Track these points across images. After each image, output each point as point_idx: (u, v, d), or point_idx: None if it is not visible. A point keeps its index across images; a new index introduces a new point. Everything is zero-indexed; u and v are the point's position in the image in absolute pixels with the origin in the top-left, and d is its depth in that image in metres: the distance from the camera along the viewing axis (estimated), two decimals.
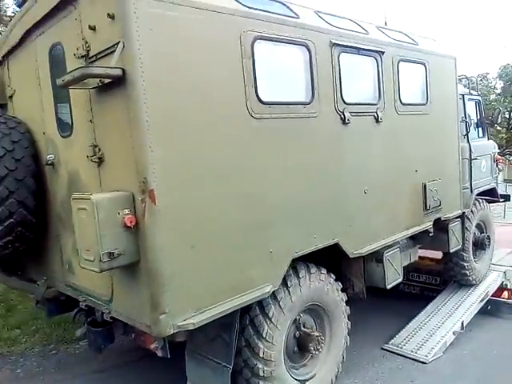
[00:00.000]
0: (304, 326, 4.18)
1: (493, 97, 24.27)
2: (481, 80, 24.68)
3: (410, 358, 5.37)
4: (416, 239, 6.04)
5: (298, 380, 4.10)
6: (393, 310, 6.76)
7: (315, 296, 4.21)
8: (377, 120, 4.62)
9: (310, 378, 4.25)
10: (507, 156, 26.70)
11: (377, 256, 4.81)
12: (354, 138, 4.37)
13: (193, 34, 2.99)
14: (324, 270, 4.33)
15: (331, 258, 4.63)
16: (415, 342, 5.62)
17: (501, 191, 8.60)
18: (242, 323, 3.82)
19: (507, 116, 24.68)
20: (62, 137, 3.56)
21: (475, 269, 7.01)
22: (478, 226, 7.31)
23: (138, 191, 2.78)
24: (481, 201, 7.17)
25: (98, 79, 2.83)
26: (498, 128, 23.55)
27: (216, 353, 3.58)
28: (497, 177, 7.71)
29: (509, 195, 8.51)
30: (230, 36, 3.23)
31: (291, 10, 3.82)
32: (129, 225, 2.78)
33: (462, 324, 5.98)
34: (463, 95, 6.75)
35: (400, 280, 5.10)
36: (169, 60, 2.84)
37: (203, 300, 3.08)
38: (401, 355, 5.44)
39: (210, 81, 3.09)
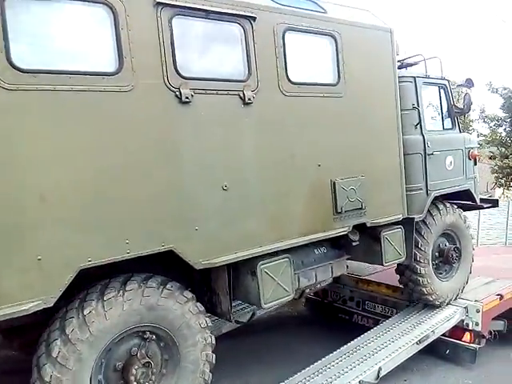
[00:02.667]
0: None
1: None
2: None
3: None
4: (341, 249, 5.05)
5: None
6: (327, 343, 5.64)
7: (152, 318, 3.41)
8: (244, 101, 3.75)
9: None
10: None
11: (250, 268, 3.91)
12: (202, 121, 3.53)
13: None
14: (172, 286, 3.52)
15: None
16: None
17: None
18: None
19: None
20: None
21: (437, 287, 5.80)
22: (447, 237, 6.09)
23: None
24: (448, 205, 5.96)
25: None
26: None
27: None
28: (474, 177, 6.40)
29: (496, 200, 7.13)
30: None
31: None
32: None
33: (379, 372, 4.65)
34: (415, 78, 5.63)
35: (288, 298, 4.14)
36: None
37: None
38: None
39: None
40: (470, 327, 5.72)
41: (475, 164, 6.51)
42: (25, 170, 2.77)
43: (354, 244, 4.83)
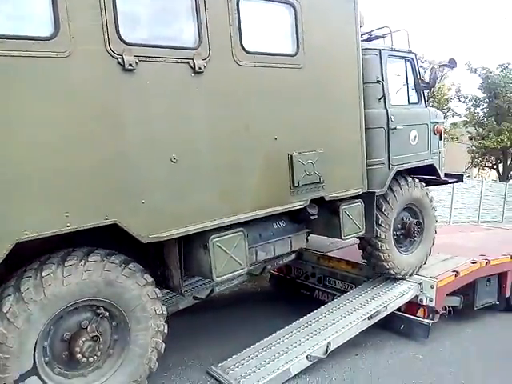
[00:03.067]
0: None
1: None
2: (501, 71, 22.21)
3: None
4: (301, 223, 5.04)
5: None
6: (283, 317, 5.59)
7: (109, 293, 3.39)
8: (194, 69, 3.62)
9: None
10: None
11: (202, 241, 3.86)
12: (147, 90, 3.40)
13: None
14: (116, 258, 3.47)
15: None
16: (247, 368, 4.31)
17: None
18: None
19: None
20: None
21: (398, 261, 5.88)
22: (410, 211, 6.14)
23: None
24: (411, 180, 5.98)
25: None
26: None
27: None
28: (439, 152, 6.42)
29: (461, 175, 7.19)
30: None
31: None
32: None
33: (328, 347, 4.65)
34: (380, 50, 5.53)
35: (242, 271, 4.13)
36: None
37: None
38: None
39: None
40: (424, 303, 5.72)
41: (441, 139, 6.52)
42: None
43: (312, 218, 4.82)
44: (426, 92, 6.44)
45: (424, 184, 6.23)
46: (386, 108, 5.52)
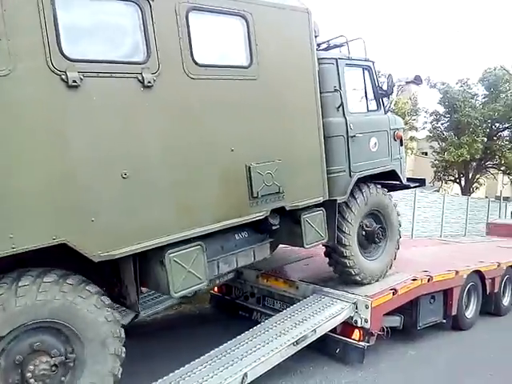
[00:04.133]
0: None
1: (472, 103, 22.52)
2: (461, 86, 23.11)
3: None
4: (263, 233, 5.04)
5: None
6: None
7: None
8: (143, 84, 3.59)
9: None
10: (489, 170, 25.05)
11: (157, 257, 3.81)
12: (94, 106, 3.34)
13: None
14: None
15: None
16: None
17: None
18: None
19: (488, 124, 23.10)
20: None
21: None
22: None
23: None
24: (372, 186, 6.05)
25: None
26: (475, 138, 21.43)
27: None
28: (400, 158, 6.54)
29: (423, 179, 7.33)
30: None
31: None
32: None
33: (243, 378, 4.15)
34: (336, 59, 5.61)
35: (201, 285, 4.08)
36: None
37: None
38: None
39: None
40: (359, 324, 5.30)
41: (401, 145, 6.64)
42: None
43: (274, 228, 4.82)
44: (385, 99, 6.56)
45: (386, 190, 6.32)
46: (344, 116, 5.59)
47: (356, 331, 5.33)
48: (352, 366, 5.35)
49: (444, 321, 6.69)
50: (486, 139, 22.89)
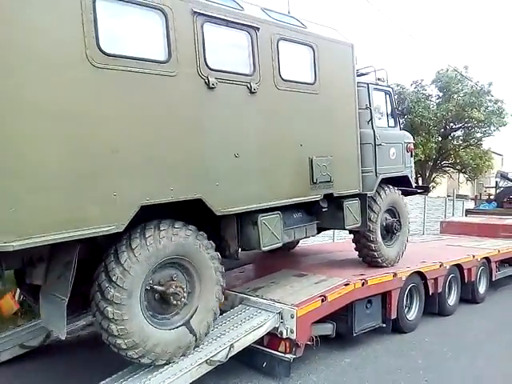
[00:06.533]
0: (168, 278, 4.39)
1: (426, 103, 22.48)
2: (415, 87, 23.37)
3: None
4: (313, 215, 6.31)
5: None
6: None
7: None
8: (250, 90, 4.93)
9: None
10: (445, 169, 26.01)
11: (253, 219, 5.05)
12: (222, 103, 4.67)
13: None
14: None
15: (211, 220, 4.87)
16: None
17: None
18: (98, 269, 4.06)
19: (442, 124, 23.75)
20: None
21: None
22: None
23: None
24: (391, 187, 7.46)
25: None
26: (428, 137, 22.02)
27: (59, 289, 3.78)
28: (411, 167, 8.03)
29: (427, 186, 8.83)
30: None
31: None
32: None
33: None
34: (368, 84, 7.12)
35: (278, 245, 5.33)
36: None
37: (28, 227, 3.29)
38: None
39: (45, 29, 3.38)
40: (285, 335, 5.02)
41: (411, 156, 8.15)
42: (108, 126, 3.76)
43: (323, 210, 6.13)
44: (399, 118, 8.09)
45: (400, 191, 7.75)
46: (373, 128, 7.06)
47: (282, 343, 5.09)
48: (279, 380, 5.10)
49: (383, 325, 6.53)
50: (440, 139, 23.68)
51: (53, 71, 3.44)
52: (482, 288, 9.18)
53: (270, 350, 5.15)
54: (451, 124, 24.08)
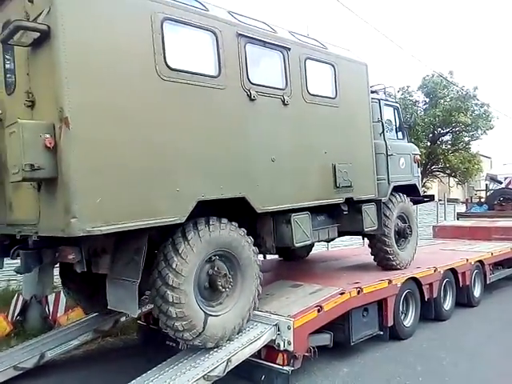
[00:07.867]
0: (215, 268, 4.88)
1: (413, 109, 22.22)
2: (402, 94, 23.34)
3: None
4: (334, 218, 6.86)
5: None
6: None
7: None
8: (284, 102, 5.55)
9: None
10: (434, 174, 26.00)
11: (286, 218, 5.60)
12: (261, 113, 5.27)
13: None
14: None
15: (248, 218, 5.42)
16: None
17: None
18: (157, 258, 4.56)
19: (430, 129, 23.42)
20: (8, 94, 4.37)
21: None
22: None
23: (57, 120, 3.58)
24: (401, 194, 8.04)
25: (33, 38, 3.69)
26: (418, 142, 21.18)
27: (129, 273, 4.25)
28: (418, 176, 8.66)
29: (433, 195, 9.44)
30: (142, 14, 4.15)
31: (202, 3, 4.81)
32: (48, 146, 3.55)
33: None
34: (379, 100, 7.80)
35: (309, 242, 5.86)
36: (87, 22, 3.72)
37: (111, 216, 3.81)
38: None
39: (123, 43, 3.98)
40: (282, 347, 4.98)
41: (418, 166, 8.79)
42: (174, 132, 4.33)
43: (344, 213, 6.68)
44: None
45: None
46: (384, 140, 7.71)
47: (280, 355, 5.04)
48: None
49: (381, 332, 6.54)
50: (429, 144, 23.62)
51: (131, 83, 4.02)
52: (477, 291, 9.29)
53: (267, 363, 5.11)
54: (439, 129, 24.03)
